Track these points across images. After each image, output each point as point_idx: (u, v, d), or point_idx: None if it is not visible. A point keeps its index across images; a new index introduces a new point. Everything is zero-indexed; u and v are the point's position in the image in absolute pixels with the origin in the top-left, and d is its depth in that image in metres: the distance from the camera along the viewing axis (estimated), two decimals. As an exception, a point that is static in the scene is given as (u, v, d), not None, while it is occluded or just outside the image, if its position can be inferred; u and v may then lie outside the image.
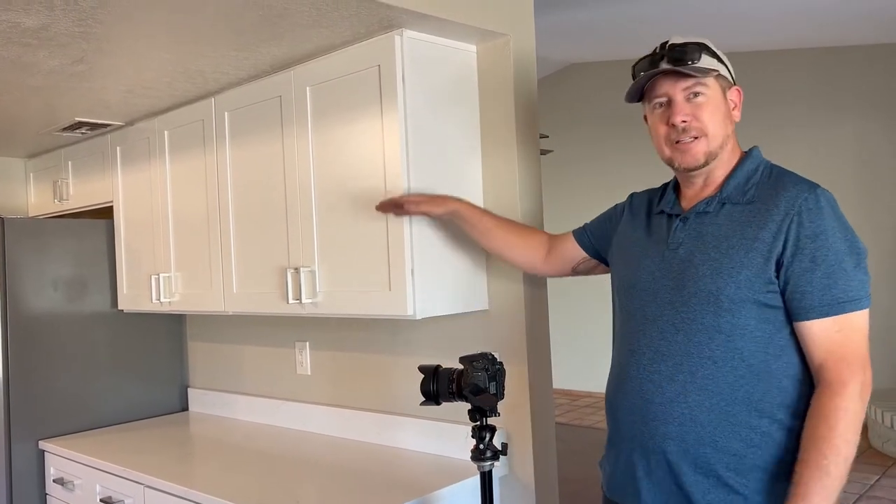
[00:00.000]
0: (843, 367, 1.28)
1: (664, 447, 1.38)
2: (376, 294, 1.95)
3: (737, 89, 1.47)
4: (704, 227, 1.40)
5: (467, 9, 1.93)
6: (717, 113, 1.41)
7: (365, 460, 2.23)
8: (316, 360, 2.64)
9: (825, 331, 1.29)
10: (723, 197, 1.41)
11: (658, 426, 1.38)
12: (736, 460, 1.33)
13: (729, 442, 1.33)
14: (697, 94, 1.40)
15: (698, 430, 1.35)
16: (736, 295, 1.32)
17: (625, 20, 5.40)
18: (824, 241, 1.30)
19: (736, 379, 1.33)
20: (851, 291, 1.29)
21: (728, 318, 1.33)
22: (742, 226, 1.36)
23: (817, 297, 1.29)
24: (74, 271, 2.90)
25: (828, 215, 1.31)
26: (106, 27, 1.82)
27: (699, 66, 1.38)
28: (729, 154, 1.44)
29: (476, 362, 1.62)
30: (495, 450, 1.64)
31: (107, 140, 2.98)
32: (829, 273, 1.29)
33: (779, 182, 1.38)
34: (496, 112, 2.06)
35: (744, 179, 1.41)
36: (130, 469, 2.27)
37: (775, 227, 1.32)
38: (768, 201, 1.35)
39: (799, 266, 1.30)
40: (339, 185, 2.05)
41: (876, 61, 6.01)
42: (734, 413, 1.33)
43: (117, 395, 2.96)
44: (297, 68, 2.16)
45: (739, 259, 1.33)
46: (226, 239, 2.43)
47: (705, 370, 1.34)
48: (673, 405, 1.37)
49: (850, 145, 6.19)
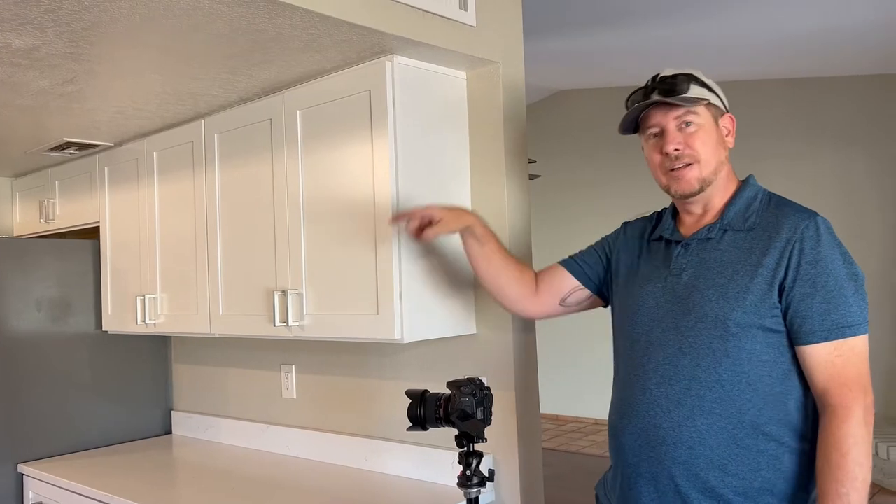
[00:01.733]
0: (846, 392, 1.30)
1: (672, 472, 1.39)
2: (364, 317, 1.95)
3: (729, 116, 1.50)
4: (707, 253, 1.43)
5: (458, 36, 1.96)
6: (709, 140, 1.44)
7: (351, 486, 2.21)
8: (302, 383, 2.62)
9: (826, 355, 1.32)
10: (724, 224, 1.44)
11: (667, 450, 1.39)
12: (744, 484, 1.35)
13: (737, 466, 1.35)
14: (689, 122, 1.44)
15: (707, 453, 1.36)
16: (742, 319, 1.35)
17: (612, 49, 5.48)
18: (824, 268, 1.33)
19: (743, 403, 1.35)
20: (851, 317, 1.32)
21: (735, 342, 1.35)
22: (745, 252, 1.39)
23: (818, 322, 1.32)
24: (59, 292, 2.87)
25: (827, 242, 1.35)
26: (97, 49, 1.82)
27: (688, 97, 1.43)
28: (725, 181, 1.48)
29: (464, 387, 1.61)
30: (482, 476, 1.63)
31: (95, 160, 2.97)
32: (829, 298, 1.32)
33: (779, 210, 1.42)
34: (486, 138, 2.08)
35: (744, 206, 1.45)
36: (112, 493, 2.23)
37: (778, 253, 1.35)
38: (770, 228, 1.39)
39: (800, 291, 1.33)
40: (328, 208, 2.05)
41: (856, 92, 6.12)
42: (741, 437, 1.35)
43: (100, 417, 2.92)
44: (287, 92, 2.17)
45: (745, 284, 1.36)
46: (213, 261, 2.42)
47: (713, 394, 1.36)
48: (681, 429, 1.38)
49: (830, 175, 6.27)
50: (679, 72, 1.46)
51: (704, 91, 1.45)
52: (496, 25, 2.08)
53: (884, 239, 6.02)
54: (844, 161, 6.20)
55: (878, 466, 5.16)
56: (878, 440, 5.17)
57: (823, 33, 4.87)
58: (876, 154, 6.05)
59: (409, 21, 1.83)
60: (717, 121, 1.47)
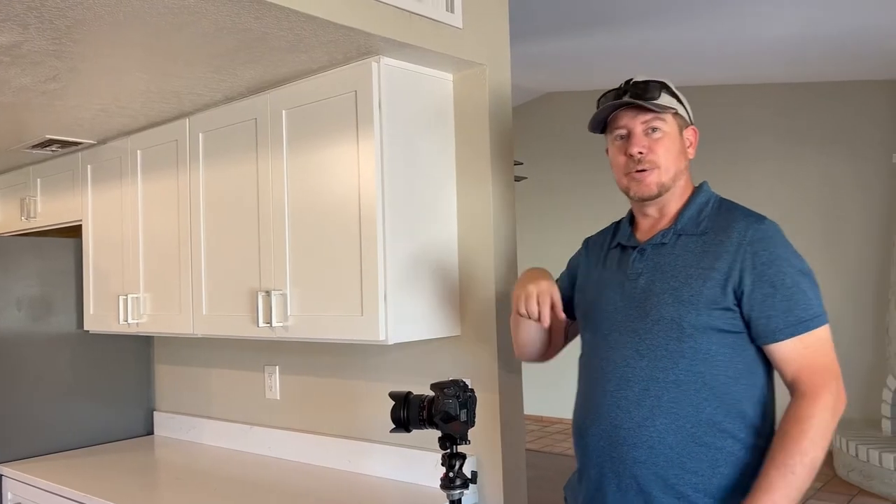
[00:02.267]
0: (817, 378, 1.35)
1: (634, 471, 1.42)
2: (348, 318, 1.95)
3: (693, 129, 1.55)
4: (662, 257, 1.47)
5: (444, 38, 1.96)
6: (672, 148, 1.49)
7: (333, 487, 2.20)
8: (285, 384, 2.61)
9: (794, 349, 1.36)
10: (678, 229, 1.49)
11: (628, 450, 1.42)
12: (704, 480, 1.38)
13: (696, 463, 1.38)
14: (655, 128, 1.48)
15: (667, 452, 1.39)
16: (697, 321, 1.39)
17: (599, 52, 5.51)
18: (780, 267, 1.38)
19: (700, 402, 1.39)
20: (812, 309, 1.37)
21: (690, 343, 1.39)
22: (698, 256, 1.43)
23: (781, 320, 1.36)
24: (40, 290, 2.84)
25: (778, 243, 1.40)
26: (81, 46, 1.81)
27: (658, 103, 1.48)
28: (682, 189, 1.53)
29: (447, 389, 1.61)
30: (465, 478, 1.63)
31: (77, 158, 2.94)
32: (789, 295, 1.37)
33: (730, 214, 1.47)
34: (472, 140, 2.08)
35: (696, 212, 1.50)
36: (92, 495, 2.21)
37: (730, 257, 1.40)
38: (720, 232, 1.44)
39: (760, 292, 1.37)
40: (313, 209, 2.04)
41: (839, 98, 6.19)
42: (699, 435, 1.38)
43: (81, 417, 2.90)
44: (273, 91, 2.16)
45: (698, 287, 1.40)
46: (196, 260, 2.41)
47: (670, 394, 1.40)
48: (641, 429, 1.41)
49: (813, 180, 6.33)
50: (651, 79, 1.50)
51: (673, 101, 1.50)
52: (483, 27, 2.08)
53: (865, 241, 6.09)
54: (829, 164, 6.26)
55: (857, 469, 5.22)
56: (857, 442, 5.23)
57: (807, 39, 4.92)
58: (859, 157, 6.12)
59: (396, 22, 1.83)
60: (681, 131, 1.52)
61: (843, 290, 6.16)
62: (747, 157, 6.65)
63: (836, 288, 6.20)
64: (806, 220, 6.36)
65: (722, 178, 6.75)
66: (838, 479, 5.44)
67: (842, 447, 5.43)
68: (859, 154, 6.11)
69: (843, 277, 6.17)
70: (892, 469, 4.88)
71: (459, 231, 2.10)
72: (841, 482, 5.36)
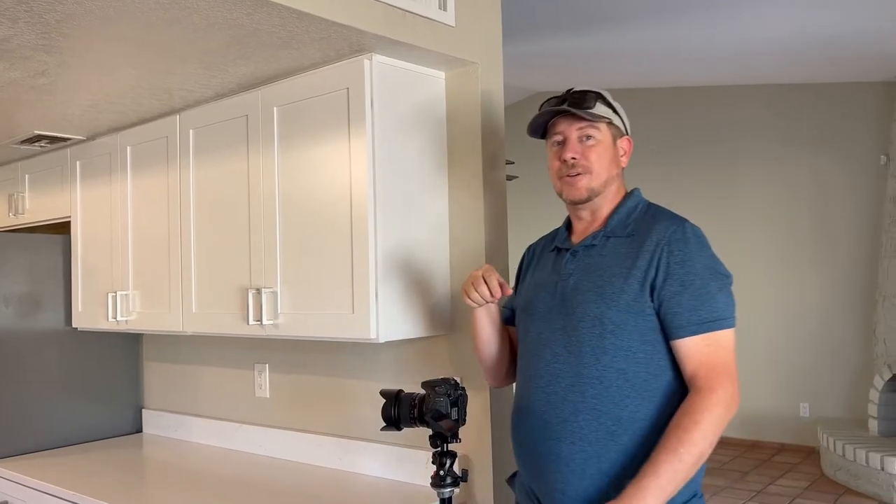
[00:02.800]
0: (713, 375, 1.40)
1: (559, 466, 1.47)
2: (339, 316, 1.94)
3: (628, 139, 1.62)
4: (591, 258, 1.54)
5: (437, 36, 1.95)
6: (604, 155, 1.57)
7: (323, 486, 2.20)
8: (275, 382, 2.60)
9: (695, 346, 1.42)
10: (607, 231, 1.56)
11: (554, 445, 1.48)
12: (623, 475, 1.41)
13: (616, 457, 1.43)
14: (589, 136, 1.56)
15: (587, 448, 1.45)
16: (617, 318, 1.45)
17: (591, 52, 5.52)
18: (690, 268, 1.43)
19: (622, 398, 1.44)
20: (717, 311, 1.42)
21: (612, 339, 1.45)
22: (622, 256, 1.50)
23: (686, 317, 1.42)
24: (28, 287, 2.82)
25: (693, 245, 1.46)
26: (71, 41, 1.79)
27: (593, 112, 1.55)
28: (613, 194, 1.60)
29: (438, 387, 1.61)
30: (455, 476, 1.63)
31: (66, 154, 2.92)
32: (696, 295, 1.42)
33: (654, 217, 1.53)
34: (464, 138, 2.08)
35: (625, 215, 1.56)
36: (79, 493, 2.19)
37: (649, 256, 1.46)
38: (644, 234, 1.50)
39: (669, 290, 1.43)
40: (304, 206, 2.03)
41: (831, 99, 6.23)
42: (619, 433, 1.43)
43: (69, 415, 2.88)
44: (264, 88, 2.15)
45: (620, 285, 1.47)
46: (186, 258, 2.39)
47: (593, 390, 1.45)
48: (566, 424, 1.47)
49: (803, 180, 6.37)
50: (590, 89, 1.58)
51: (609, 111, 1.58)
52: (475, 26, 2.08)
53: (854, 241, 6.13)
54: (819, 164, 6.30)
55: (844, 468, 5.26)
56: (844, 442, 5.27)
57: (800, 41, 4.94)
58: (849, 158, 6.16)
59: (388, 20, 1.82)
60: (615, 140, 1.59)
61: (831, 290, 6.20)
62: (738, 156, 6.68)
63: (825, 287, 6.24)
64: (796, 220, 6.40)
65: (713, 176, 6.79)
66: (825, 478, 5.48)
67: (829, 446, 5.47)
68: (849, 154, 6.16)
69: (831, 277, 6.21)
70: (878, 468, 4.92)
71: (451, 229, 2.10)
72: (828, 481, 5.40)
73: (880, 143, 5.97)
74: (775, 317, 6.42)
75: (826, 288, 6.23)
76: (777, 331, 6.40)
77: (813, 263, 6.31)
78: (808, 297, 6.28)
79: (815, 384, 6.21)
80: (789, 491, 5.18)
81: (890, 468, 4.83)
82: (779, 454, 6.18)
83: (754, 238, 6.53)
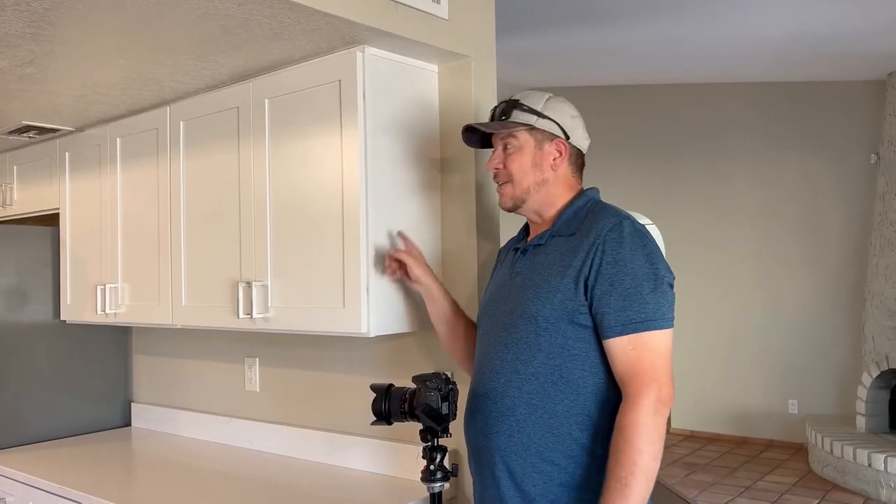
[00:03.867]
0: (637, 382, 1.39)
1: (496, 458, 1.51)
2: (330, 310, 1.93)
3: (559, 141, 1.59)
4: (537, 257, 1.57)
5: (430, 29, 1.94)
6: (524, 161, 1.59)
7: (313, 480, 2.19)
8: (265, 376, 2.59)
9: (622, 349, 1.41)
10: (553, 230, 1.57)
11: (492, 438, 1.52)
12: (559, 470, 1.45)
13: (552, 453, 1.45)
14: (507, 145, 1.60)
15: (525, 441, 1.48)
16: (551, 315, 1.47)
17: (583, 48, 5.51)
18: (622, 267, 1.43)
19: (557, 393, 1.46)
20: (645, 313, 1.41)
21: (546, 336, 1.47)
22: (562, 254, 1.51)
23: (613, 318, 1.42)
24: (15, 279, 2.80)
25: (628, 244, 1.44)
26: (59, 29, 1.77)
27: (505, 121, 1.59)
28: (555, 196, 1.60)
29: (429, 382, 1.60)
30: (446, 471, 1.63)
31: (55, 145, 2.90)
32: (626, 296, 1.41)
33: (595, 215, 1.53)
34: (456, 132, 2.07)
35: (572, 215, 1.57)
36: (67, 486, 2.18)
37: (584, 254, 1.47)
38: (584, 232, 1.50)
39: (600, 289, 1.43)
40: (295, 199, 2.02)
41: (821, 98, 6.25)
42: (555, 426, 1.46)
43: (57, 408, 2.86)
44: (256, 80, 2.13)
45: (556, 284, 1.48)
46: (176, 250, 2.38)
47: (530, 385, 1.48)
48: (504, 418, 1.50)
49: (793, 179, 6.39)
50: (508, 98, 1.61)
51: (529, 117, 1.58)
52: (469, 19, 2.07)
53: (843, 240, 6.16)
54: (808, 163, 6.32)
55: (832, 464, 5.29)
56: (832, 439, 5.30)
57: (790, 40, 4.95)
58: (839, 157, 6.18)
59: (381, 11, 1.81)
60: (540, 144, 1.59)
61: (820, 288, 6.23)
62: (728, 154, 6.70)
63: (814, 285, 6.27)
64: (785, 218, 6.42)
65: (703, 175, 6.81)
66: (813, 474, 5.52)
67: (816, 443, 5.50)
68: (839, 153, 6.18)
69: (820, 275, 6.24)
70: (866, 465, 4.95)
71: (442, 223, 2.09)
72: (815, 477, 5.44)
73: (870, 142, 6.00)
74: (764, 314, 6.45)
75: (815, 286, 6.26)
76: (766, 328, 6.43)
77: (802, 261, 6.34)
78: (797, 295, 6.31)
79: (803, 381, 6.24)
80: (777, 487, 5.21)
81: (877, 465, 4.86)
82: (767, 450, 6.21)
83: (744, 236, 6.55)
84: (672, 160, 6.95)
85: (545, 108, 1.59)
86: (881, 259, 5.59)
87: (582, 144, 1.63)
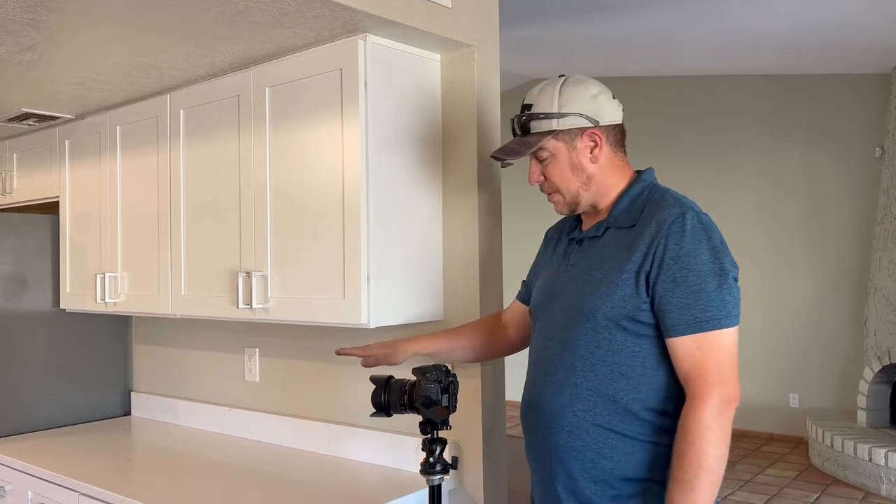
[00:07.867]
0: (702, 383, 1.34)
1: (556, 455, 1.47)
2: (330, 301, 1.92)
3: (589, 133, 1.50)
4: (593, 249, 1.50)
5: (433, 17, 1.92)
6: (563, 168, 1.51)
7: (312, 471, 2.18)
8: (265, 367, 2.58)
9: (686, 348, 1.36)
10: (609, 221, 1.50)
11: (550, 434, 1.47)
12: (619, 466, 1.41)
13: (612, 450, 1.42)
14: (540, 157, 1.53)
15: (585, 437, 1.43)
16: (611, 313, 1.41)
17: (587, 39, 5.48)
18: (686, 263, 1.36)
19: (616, 391, 1.41)
20: (710, 311, 1.35)
21: (605, 334, 1.42)
22: (620, 248, 1.44)
23: (677, 316, 1.36)
24: (15, 268, 2.79)
25: (692, 237, 1.37)
26: (57, 15, 1.75)
27: (526, 138, 1.52)
28: (608, 187, 1.52)
29: (429, 374, 1.60)
30: (445, 463, 1.62)
31: (55, 133, 2.88)
32: (689, 293, 1.35)
33: (656, 205, 1.45)
34: (459, 122, 2.05)
35: (628, 204, 1.49)
36: (65, 475, 2.17)
37: (645, 248, 1.40)
38: (644, 224, 1.43)
39: (662, 286, 1.37)
40: (296, 189, 2.01)
41: (825, 91, 6.21)
42: (616, 423, 1.41)
43: (56, 397, 2.85)
44: (256, 68, 2.11)
45: (614, 279, 1.42)
46: (176, 240, 2.36)
47: (587, 382, 1.43)
48: (562, 415, 1.45)
49: (796, 172, 6.36)
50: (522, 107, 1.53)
51: (548, 123, 1.49)
52: (472, 8, 2.04)
53: (847, 233, 6.14)
54: (812, 156, 6.29)
55: (832, 458, 5.29)
56: (833, 433, 5.30)
57: (795, 32, 4.92)
58: (843, 150, 6.15)
59: (383, -1, 1.79)
60: (572, 144, 1.50)
61: (823, 282, 6.22)
62: (731, 147, 6.67)
63: (817, 279, 6.26)
64: (788, 211, 6.40)
65: (705, 167, 6.78)
66: (813, 468, 5.52)
67: (817, 437, 5.50)
68: (843, 147, 6.15)
69: (823, 269, 6.22)
70: (866, 459, 4.95)
71: (444, 215, 2.07)
72: (816, 471, 5.44)
73: (874, 136, 5.97)
74: (766, 307, 6.43)
75: (817, 279, 6.24)
76: (768, 321, 6.42)
77: (805, 255, 6.32)
78: (799, 289, 6.30)
79: (804, 375, 6.24)
80: (778, 480, 5.21)
81: (878, 459, 4.86)
82: (768, 444, 6.22)
83: (747, 229, 6.53)
84: (674, 152, 6.92)
85: (560, 104, 1.49)
86: (884, 253, 5.57)
87: (614, 118, 1.51)
